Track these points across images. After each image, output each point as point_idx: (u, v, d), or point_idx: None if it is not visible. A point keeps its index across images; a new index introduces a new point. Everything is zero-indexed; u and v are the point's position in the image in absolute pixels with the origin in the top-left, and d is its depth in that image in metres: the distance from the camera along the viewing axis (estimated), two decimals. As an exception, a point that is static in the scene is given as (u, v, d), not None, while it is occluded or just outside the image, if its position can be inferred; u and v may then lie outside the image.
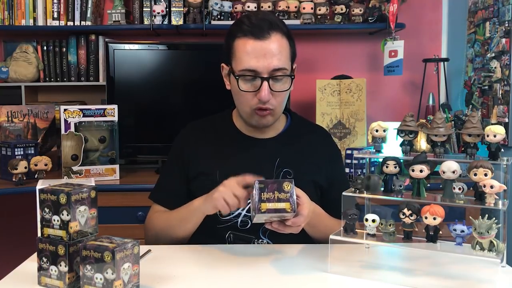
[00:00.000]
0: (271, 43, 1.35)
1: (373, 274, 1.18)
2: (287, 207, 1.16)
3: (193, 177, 1.47)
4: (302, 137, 1.52)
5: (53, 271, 1.06)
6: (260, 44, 1.34)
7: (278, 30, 1.37)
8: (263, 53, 1.34)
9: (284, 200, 1.17)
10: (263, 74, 1.35)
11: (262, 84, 1.35)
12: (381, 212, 1.16)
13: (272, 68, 1.34)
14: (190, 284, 1.12)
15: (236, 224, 1.41)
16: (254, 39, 1.35)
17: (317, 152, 1.51)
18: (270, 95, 1.36)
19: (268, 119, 1.42)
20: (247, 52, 1.35)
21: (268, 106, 1.38)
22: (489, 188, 1.04)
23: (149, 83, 2.55)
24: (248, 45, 1.35)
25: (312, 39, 2.85)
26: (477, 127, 1.12)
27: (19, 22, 2.64)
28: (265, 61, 1.34)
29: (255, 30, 1.35)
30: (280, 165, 1.44)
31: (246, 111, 1.42)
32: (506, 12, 2.21)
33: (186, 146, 1.52)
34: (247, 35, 1.36)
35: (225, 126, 1.53)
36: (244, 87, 1.37)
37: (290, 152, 1.48)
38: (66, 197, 1.03)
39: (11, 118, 2.54)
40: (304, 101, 2.78)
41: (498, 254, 1.03)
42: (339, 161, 1.59)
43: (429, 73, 2.70)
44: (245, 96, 1.39)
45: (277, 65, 1.35)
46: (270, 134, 1.50)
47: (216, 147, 1.49)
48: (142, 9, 2.65)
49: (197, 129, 1.56)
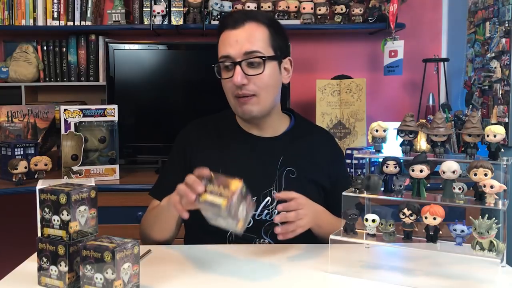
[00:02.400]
0: (244, 30, 1.40)
1: (373, 274, 1.19)
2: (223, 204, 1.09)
3: None
4: (305, 138, 1.53)
5: (53, 271, 1.06)
6: (234, 32, 1.40)
7: (254, 20, 1.41)
8: (235, 39, 1.39)
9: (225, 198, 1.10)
10: (236, 58, 1.38)
11: (235, 68, 1.37)
12: (381, 212, 1.16)
13: (243, 51, 1.37)
14: (190, 284, 1.12)
15: None
16: (228, 30, 1.41)
17: (320, 153, 1.51)
18: (244, 79, 1.37)
19: (252, 107, 1.40)
20: (222, 42, 1.41)
21: (245, 91, 1.38)
22: (489, 188, 1.04)
23: (149, 83, 2.55)
24: (225, 36, 1.41)
25: (312, 39, 2.85)
26: (477, 127, 1.12)
27: (19, 22, 2.64)
28: (237, 46, 1.38)
29: (230, 21, 1.42)
30: (283, 164, 1.44)
31: (231, 102, 1.44)
32: (506, 12, 2.21)
33: (188, 144, 1.51)
34: (224, 28, 1.42)
35: (228, 124, 1.53)
36: (223, 75, 1.41)
37: (293, 151, 1.48)
38: (66, 197, 1.03)
39: (11, 118, 2.54)
40: (304, 101, 2.78)
41: (498, 254, 1.03)
42: (342, 163, 1.59)
43: (429, 73, 2.70)
44: (226, 85, 1.42)
45: (249, 48, 1.37)
46: (273, 133, 1.50)
47: (219, 145, 1.49)
48: (142, 9, 2.65)
49: (200, 127, 1.56)
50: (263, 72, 1.39)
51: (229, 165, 1.42)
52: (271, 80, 1.41)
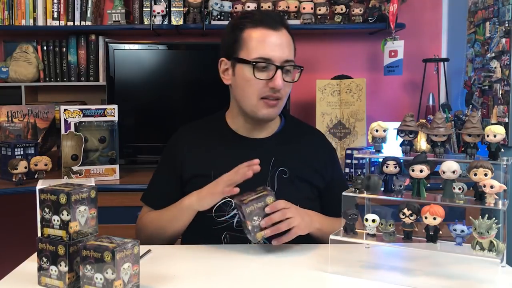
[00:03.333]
0: (283, 35, 1.41)
1: (373, 274, 1.19)
2: (265, 192, 1.26)
3: (187, 180, 1.47)
4: (297, 138, 1.53)
5: (53, 271, 1.06)
6: (275, 34, 1.39)
7: (286, 26, 1.44)
8: (278, 43, 1.39)
9: (261, 192, 1.27)
10: (277, 62, 1.38)
11: (277, 72, 1.37)
12: (381, 212, 1.16)
13: (285, 58, 1.39)
14: (190, 284, 1.12)
15: (232, 224, 1.40)
16: (268, 29, 1.39)
17: (312, 153, 1.51)
18: (283, 83, 1.39)
19: (275, 110, 1.43)
20: (262, 40, 1.39)
21: (278, 95, 1.40)
22: (489, 188, 1.04)
23: (149, 83, 2.55)
24: (262, 34, 1.39)
25: (312, 39, 2.85)
26: (477, 127, 1.12)
27: (19, 22, 2.64)
28: (279, 51, 1.38)
29: (269, 20, 1.40)
30: (275, 164, 1.44)
31: (252, 102, 1.41)
32: (506, 12, 2.21)
33: (179, 151, 1.51)
34: (260, 26, 1.40)
35: (218, 127, 1.53)
36: (258, 75, 1.39)
37: (285, 152, 1.48)
38: (66, 197, 1.03)
39: (11, 118, 2.54)
40: (304, 101, 2.78)
41: (498, 254, 1.03)
42: (335, 162, 1.58)
43: (429, 73, 2.70)
44: (257, 85, 1.39)
45: (289, 56, 1.40)
46: (265, 134, 1.50)
47: (210, 148, 1.49)
48: (142, 9, 2.65)
49: (189, 132, 1.56)
50: (297, 80, 1.44)
51: (221, 167, 1.42)
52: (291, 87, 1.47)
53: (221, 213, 1.40)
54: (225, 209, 1.40)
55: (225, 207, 1.40)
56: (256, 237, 1.23)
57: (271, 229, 1.25)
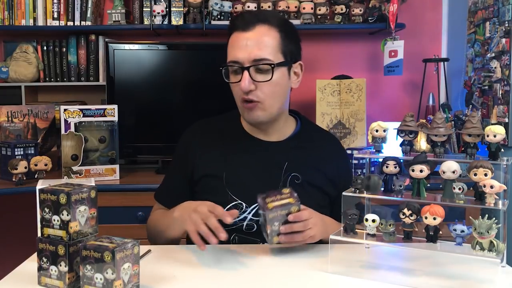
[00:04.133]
0: (254, 34, 1.36)
1: (373, 274, 1.18)
2: (291, 201, 1.23)
3: (198, 179, 1.45)
4: (312, 143, 1.50)
5: (53, 271, 1.06)
6: (243, 35, 1.37)
7: (266, 22, 1.38)
8: (244, 43, 1.36)
9: (287, 198, 1.23)
10: (245, 64, 1.35)
11: (243, 73, 1.35)
12: (381, 212, 1.16)
13: (252, 58, 1.35)
14: (190, 284, 1.12)
15: (242, 227, 1.39)
16: (238, 32, 1.38)
17: (326, 160, 1.48)
18: (251, 85, 1.35)
19: (257, 113, 1.39)
20: (232, 44, 1.39)
21: (251, 97, 1.37)
22: (489, 188, 1.04)
23: (149, 83, 2.55)
24: (234, 38, 1.39)
25: (312, 39, 2.85)
26: (477, 127, 1.12)
27: (19, 22, 2.64)
28: (246, 51, 1.35)
29: (240, 23, 1.38)
30: (288, 169, 1.42)
31: (239, 106, 1.43)
32: (506, 12, 2.21)
33: (191, 149, 1.49)
34: (234, 30, 1.39)
35: (232, 127, 1.51)
36: (231, 79, 1.39)
37: (299, 157, 1.45)
38: (66, 197, 1.03)
39: (11, 118, 2.54)
40: (304, 101, 2.78)
41: (498, 254, 1.03)
42: (349, 172, 1.56)
43: (429, 73, 2.70)
44: (234, 89, 1.41)
45: (259, 55, 1.34)
46: (278, 137, 1.48)
47: (223, 149, 1.47)
48: (142, 9, 2.65)
49: (204, 130, 1.54)
50: (271, 79, 1.36)
51: (233, 169, 1.41)
52: (278, 86, 1.39)
53: None
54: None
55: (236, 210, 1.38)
56: (273, 240, 1.23)
57: (286, 237, 1.22)
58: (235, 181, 1.41)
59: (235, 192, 1.40)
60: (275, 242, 1.23)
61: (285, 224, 1.22)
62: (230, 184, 1.41)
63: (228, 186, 1.40)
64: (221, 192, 1.40)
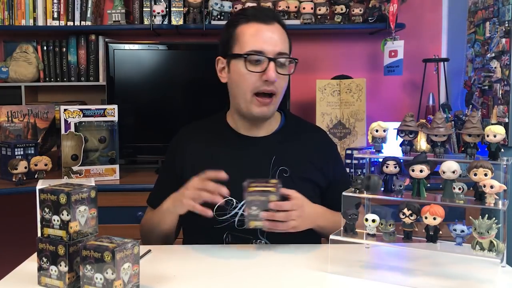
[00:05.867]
0: (276, 29, 1.41)
1: (373, 274, 1.19)
2: (272, 190, 1.25)
3: (188, 180, 1.46)
4: (298, 136, 1.52)
5: (53, 271, 1.06)
6: (267, 27, 1.39)
7: (280, 21, 1.44)
8: (269, 35, 1.39)
9: (270, 186, 1.26)
10: (269, 55, 1.37)
11: (269, 64, 1.37)
12: (381, 212, 1.16)
13: (277, 51, 1.38)
14: (190, 284, 1.12)
15: (233, 224, 1.40)
16: (259, 23, 1.40)
17: (314, 150, 1.50)
18: (276, 75, 1.38)
19: (270, 108, 1.42)
20: (254, 34, 1.39)
21: (272, 88, 1.39)
22: (489, 188, 1.04)
23: (149, 83, 2.55)
24: (255, 28, 1.40)
25: (312, 39, 2.85)
26: (477, 127, 1.12)
27: (19, 22, 2.64)
28: (271, 44, 1.38)
29: (261, 15, 1.41)
30: (276, 163, 1.44)
31: (246, 98, 1.41)
32: (506, 12, 2.21)
33: (179, 153, 1.51)
34: (252, 20, 1.40)
35: (218, 126, 1.53)
36: (251, 68, 1.38)
37: (286, 150, 1.47)
38: (66, 197, 1.03)
39: (11, 118, 2.54)
40: (304, 101, 2.78)
41: (498, 254, 1.03)
42: (338, 160, 1.57)
43: (429, 73, 2.70)
44: (250, 79, 1.39)
45: (282, 49, 1.39)
46: (265, 132, 1.50)
47: (210, 148, 1.49)
48: (142, 9, 2.65)
49: (190, 133, 1.56)
50: (292, 72, 1.43)
51: (221, 167, 1.42)
52: (287, 82, 1.46)
53: (222, 212, 1.40)
54: (226, 208, 1.40)
55: (226, 206, 1.40)
56: (249, 224, 1.25)
57: (270, 224, 1.25)
58: None
59: None
60: (251, 226, 1.25)
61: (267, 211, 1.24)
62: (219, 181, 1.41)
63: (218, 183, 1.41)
64: None
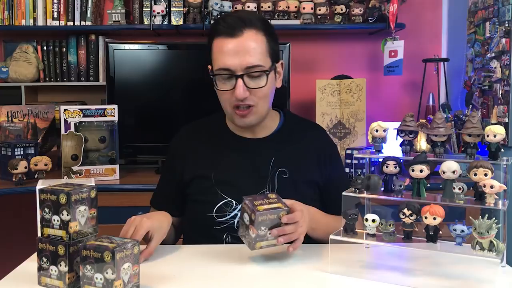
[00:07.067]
0: (245, 40, 1.34)
1: (373, 274, 1.18)
2: (281, 205, 1.20)
3: (188, 181, 1.47)
4: (296, 135, 1.51)
5: (53, 271, 1.06)
6: (233, 41, 1.34)
7: (252, 27, 1.36)
8: (236, 50, 1.33)
9: (275, 202, 1.21)
10: (237, 71, 1.34)
11: (237, 81, 1.34)
12: (381, 212, 1.16)
13: (245, 65, 1.33)
14: (190, 284, 1.12)
15: (233, 225, 1.40)
16: (225, 38, 1.35)
17: (313, 150, 1.49)
18: (246, 92, 1.35)
19: (250, 118, 1.40)
20: (221, 51, 1.35)
21: (247, 102, 1.36)
22: (489, 188, 1.04)
23: (149, 83, 2.55)
24: (222, 44, 1.35)
25: (312, 39, 2.85)
26: (477, 127, 1.12)
27: (19, 22, 2.64)
28: (238, 59, 1.33)
29: (227, 28, 1.35)
30: (275, 164, 1.44)
31: (228, 111, 1.42)
32: (506, 12, 2.21)
33: (178, 153, 1.51)
34: (221, 35, 1.36)
35: (218, 127, 1.53)
36: (221, 87, 1.37)
37: (285, 151, 1.47)
38: (66, 197, 1.03)
39: (11, 118, 2.54)
40: (304, 101, 2.78)
41: (498, 254, 1.03)
42: (337, 159, 1.56)
43: (429, 73, 2.70)
44: (224, 96, 1.39)
45: (251, 62, 1.33)
46: (264, 134, 1.49)
47: (210, 150, 1.49)
48: (142, 9, 2.65)
49: (190, 133, 1.55)
50: (266, 85, 1.36)
51: (221, 169, 1.42)
52: (269, 90, 1.40)
53: (221, 213, 1.40)
54: (225, 209, 1.40)
55: (225, 207, 1.40)
56: (255, 245, 1.19)
57: (284, 238, 1.20)
58: (223, 180, 1.42)
59: (224, 191, 1.41)
60: (257, 248, 1.19)
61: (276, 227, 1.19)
62: (219, 183, 1.42)
63: (217, 185, 1.42)
64: (211, 192, 1.42)
